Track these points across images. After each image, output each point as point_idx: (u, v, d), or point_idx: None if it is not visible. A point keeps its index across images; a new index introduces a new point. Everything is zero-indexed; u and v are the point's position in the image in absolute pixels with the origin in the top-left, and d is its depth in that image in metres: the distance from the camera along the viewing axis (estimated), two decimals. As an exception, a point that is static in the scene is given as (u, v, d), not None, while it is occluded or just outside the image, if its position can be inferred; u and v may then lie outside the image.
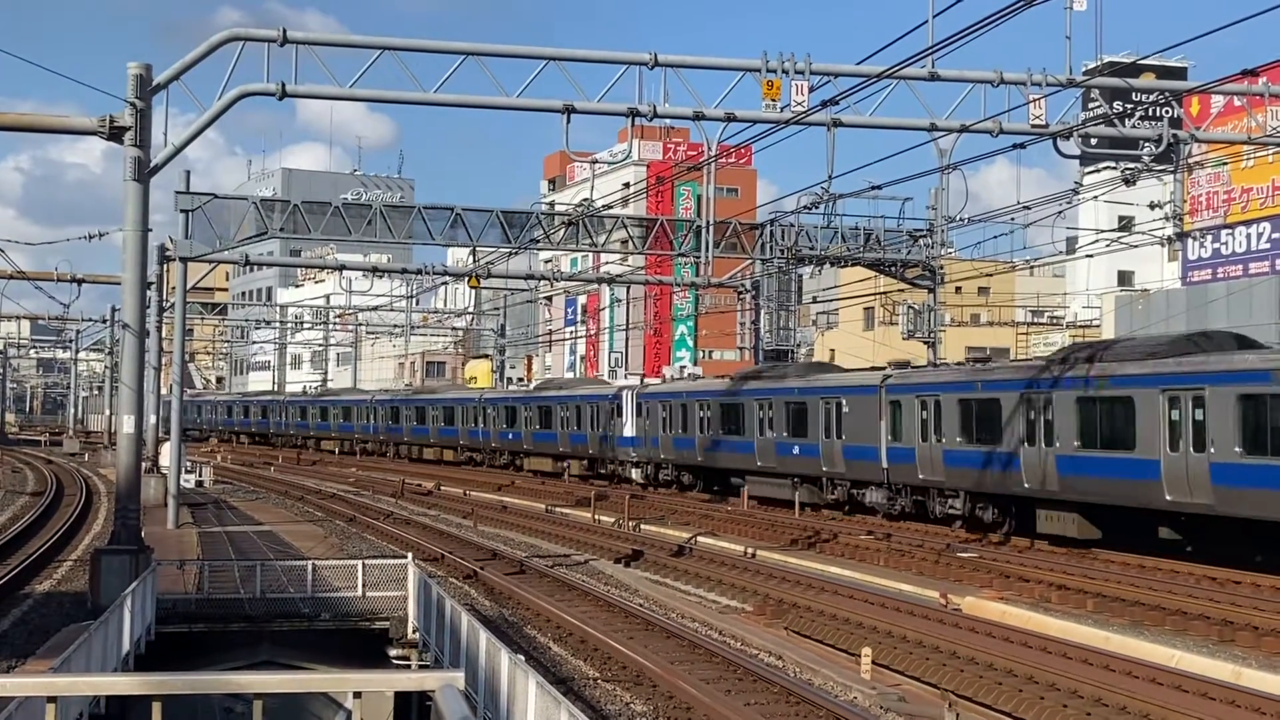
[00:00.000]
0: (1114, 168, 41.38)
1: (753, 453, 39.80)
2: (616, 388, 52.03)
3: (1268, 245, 48.27)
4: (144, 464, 28.51)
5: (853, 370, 40.62)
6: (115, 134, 20.80)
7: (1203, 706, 14.94)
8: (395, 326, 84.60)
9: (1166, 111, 39.22)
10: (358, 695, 6.23)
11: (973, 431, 30.54)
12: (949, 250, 44.97)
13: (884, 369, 36.56)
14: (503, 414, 60.41)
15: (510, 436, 59.68)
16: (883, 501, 34.16)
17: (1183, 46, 76.73)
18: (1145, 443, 25.43)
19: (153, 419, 43.33)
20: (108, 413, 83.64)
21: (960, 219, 40.18)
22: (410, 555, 21.96)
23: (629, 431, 48.16)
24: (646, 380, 52.29)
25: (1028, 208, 35.51)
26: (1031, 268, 60.47)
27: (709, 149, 31.39)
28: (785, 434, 38.16)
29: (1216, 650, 18.15)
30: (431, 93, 24.05)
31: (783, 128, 24.66)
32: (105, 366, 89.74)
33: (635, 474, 48.75)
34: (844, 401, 35.48)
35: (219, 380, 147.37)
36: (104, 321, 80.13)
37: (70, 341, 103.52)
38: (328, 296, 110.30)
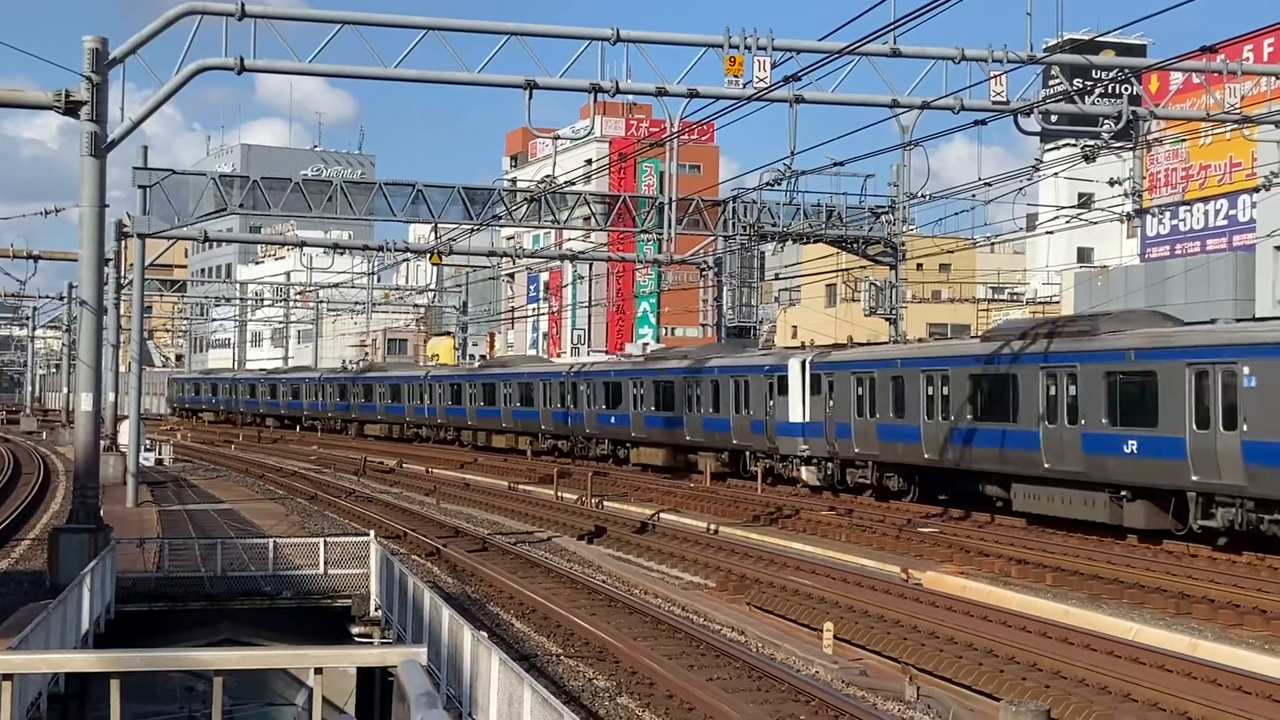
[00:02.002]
0: (1074, 144, 41.62)
1: (1035, 449, 27.49)
2: (776, 356, 39.99)
3: (1225, 222, 48.67)
4: (103, 442, 28.22)
5: (1255, 321, 26.66)
6: (71, 109, 20.56)
7: (1160, 678, 15.10)
8: (356, 303, 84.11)
9: (1126, 88, 39.44)
10: (319, 671, 6.21)
11: None
12: (910, 227, 45.18)
13: None
14: (600, 392, 48.57)
15: (613, 421, 47.94)
16: None
17: (1142, 24, 76.94)
18: None
19: (110, 396, 43.02)
20: (65, 391, 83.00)
21: (922, 196, 40.32)
22: (372, 533, 21.91)
23: (797, 415, 36.38)
24: (824, 346, 39.99)
25: (989, 184, 35.59)
26: (992, 244, 60.72)
27: (671, 125, 31.34)
28: (1104, 420, 25.83)
29: (1173, 623, 18.34)
30: (392, 68, 23.90)
31: (745, 104, 24.65)
32: (63, 344, 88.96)
33: (806, 474, 36.47)
34: (1243, 369, 22.71)
35: (178, 358, 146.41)
36: (61, 299, 79.44)
37: (27, 319, 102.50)
38: (288, 273, 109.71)
